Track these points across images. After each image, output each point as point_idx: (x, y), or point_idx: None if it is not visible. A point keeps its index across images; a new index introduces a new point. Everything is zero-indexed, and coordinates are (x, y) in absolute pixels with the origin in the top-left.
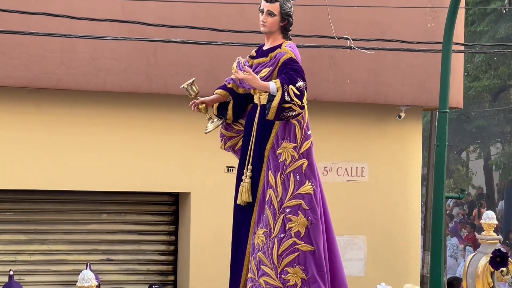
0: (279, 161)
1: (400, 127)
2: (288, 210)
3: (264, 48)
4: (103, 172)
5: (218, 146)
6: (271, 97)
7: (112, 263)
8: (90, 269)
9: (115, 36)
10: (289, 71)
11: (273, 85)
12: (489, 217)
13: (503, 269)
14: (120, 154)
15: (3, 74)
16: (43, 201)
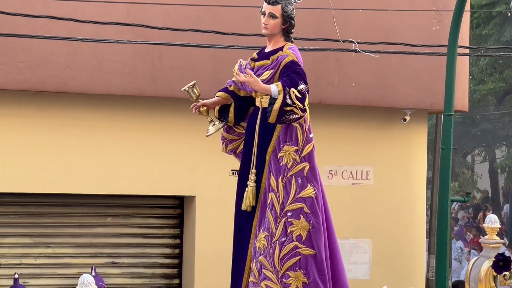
0: (281, 165)
1: (405, 130)
2: (290, 214)
3: (266, 51)
4: (108, 175)
5: None
6: (273, 100)
7: (117, 266)
8: (95, 273)
9: (120, 40)
10: (291, 74)
11: (275, 88)
12: (492, 221)
13: (506, 273)
14: (125, 157)
15: (8, 77)
16: (48, 205)
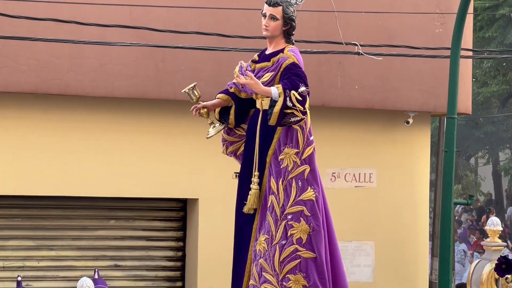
0: (281, 167)
1: (408, 133)
2: (290, 217)
3: (267, 53)
4: (111, 178)
5: None
6: (273, 103)
7: (120, 269)
8: (98, 275)
9: (123, 42)
10: (292, 76)
11: (275, 91)
12: (494, 223)
13: (508, 276)
14: (128, 160)
15: (12, 80)
16: (51, 207)
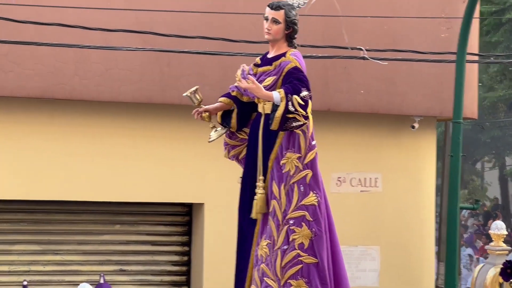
0: (283, 172)
1: (414, 138)
2: (292, 222)
3: (269, 56)
4: (117, 183)
5: None
6: (275, 107)
7: (125, 274)
8: (104, 280)
9: (129, 47)
10: (294, 81)
11: (277, 95)
12: (498, 227)
13: None
14: (134, 165)
15: (17, 85)
16: (57, 212)
